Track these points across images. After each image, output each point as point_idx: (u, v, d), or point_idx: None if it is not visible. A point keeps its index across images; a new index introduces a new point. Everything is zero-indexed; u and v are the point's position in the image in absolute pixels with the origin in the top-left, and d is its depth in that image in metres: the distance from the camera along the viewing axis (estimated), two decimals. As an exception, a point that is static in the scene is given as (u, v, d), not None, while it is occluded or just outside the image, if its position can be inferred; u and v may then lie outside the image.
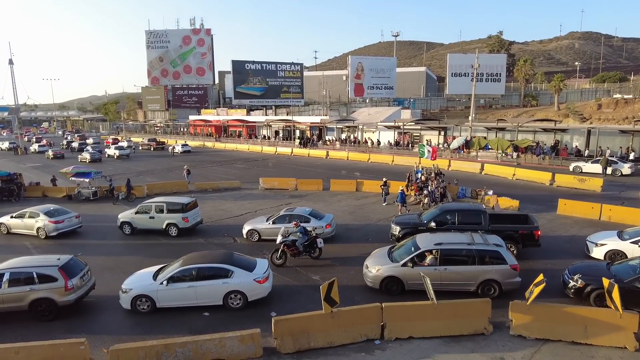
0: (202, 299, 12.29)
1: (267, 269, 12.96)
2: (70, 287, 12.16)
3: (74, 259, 13.23)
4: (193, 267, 12.43)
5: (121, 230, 20.13)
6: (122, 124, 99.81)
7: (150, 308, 12.24)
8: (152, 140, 65.97)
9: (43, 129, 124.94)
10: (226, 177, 35.06)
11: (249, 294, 12.28)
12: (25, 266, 12.58)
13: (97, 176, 28.33)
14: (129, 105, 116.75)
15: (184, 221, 19.29)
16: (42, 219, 19.94)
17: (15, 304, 12.07)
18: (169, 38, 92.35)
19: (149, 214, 19.71)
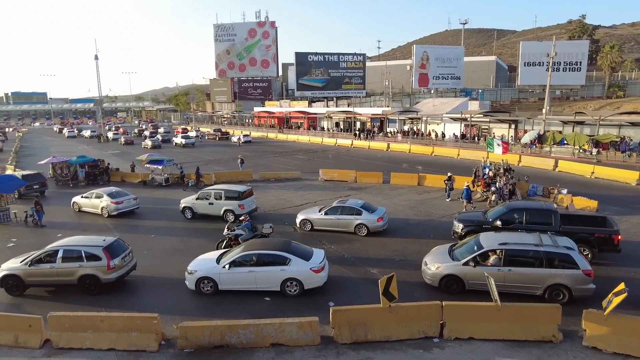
0: (261, 284, 12.74)
1: (323, 259, 13.14)
2: (112, 266, 13.15)
3: (118, 241, 14.17)
4: (254, 253, 12.90)
5: (183, 214, 21.41)
6: (191, 114, 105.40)
7: (212, 290, 12.88)
8: (218, 131, 69.08)
9: (122, 118, 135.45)
10: (287, 168, 35.86)
11: (305, 283, 12.54)
12: (76, 245, 13.71)
13: (169, 164, 30.30)
14: (198, 97, 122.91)
15: (240, 208, 20.21)
16: (105, 199, 22.11)
17: (67, 278, 13.28)
18: (236, 31, 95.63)
19: (208, 200, 20.85)
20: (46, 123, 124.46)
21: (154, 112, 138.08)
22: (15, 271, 13.32)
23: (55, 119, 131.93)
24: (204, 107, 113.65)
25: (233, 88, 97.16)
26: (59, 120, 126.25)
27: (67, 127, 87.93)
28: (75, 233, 18.77)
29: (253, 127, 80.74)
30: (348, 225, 18.14)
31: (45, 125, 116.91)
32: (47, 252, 13.46)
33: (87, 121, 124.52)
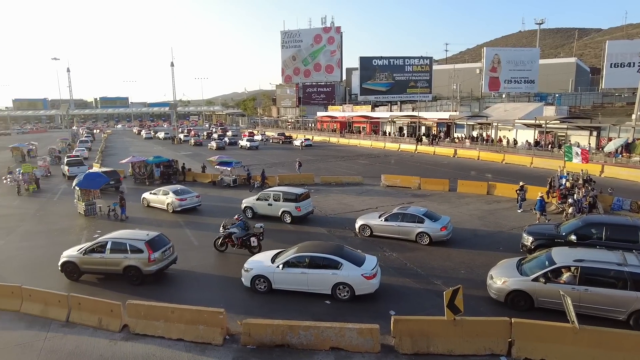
0: (313, 286, 12.86)
1: (376, 265, 13.01)
2: (152, 259, 14.06)
3: (160, 236, 15.03)
4: (307, 255, 13.09)
5: (244, 213, 22.11)
6: (258, 118, 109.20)
7: (266, 288, 13.26)
8: (281, 135, 70.92)
9: (194, 122, 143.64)
10: (349, 172, 35.87)
11: (356, 288, 12.49)
12: (123, 238, 14.73)
13: (237, 166, 31.63)
14: (264, 102, 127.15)
15: (297, 210, 20.73)
16: (171, 196, 23.78)
17: (114, 268, 14.34)
18: (302, 37, 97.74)
19: (267, 201, 21.63)
20: (127, 125, 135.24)
21: (224, 116, 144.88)
22: (72, 258, 14.74)
23: (135, 121, 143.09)
24: (270, 112, 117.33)
25: (298, 93, 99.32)
26: (138, 122, 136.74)
27: (144, 129, 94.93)
28: (150, 227, 20.23)
29: (315, 132, 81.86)
30: (409, 233, 17.72)
31: (126, 127, 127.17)
32: (99, 244, 14.70)
33: (163, 124, 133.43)
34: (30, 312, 12.17)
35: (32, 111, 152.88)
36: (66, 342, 10.75)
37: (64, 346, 10.58)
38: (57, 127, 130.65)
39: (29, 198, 28.92)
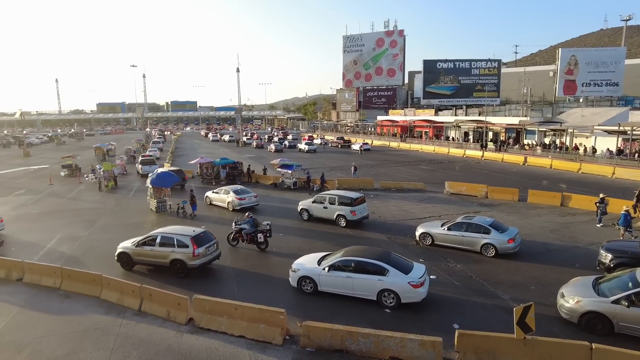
0: (358, 291, 12.78)
1: (424, 274, 12.67)
2: (196, 254, 14.81)
3: (205, 233, 15.80)
4: (353, 259, 13.03)
5: (300, 215, 22.70)
6: (317, 122, 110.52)
7: (312, 290, 13.38)
8: (340, 139, 71.12)
9: (257, 125, 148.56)
10: (410, 178, 35.08)
11: (402, 296, 12.26)
12: (171, 233, 15.56)
13: (298, 169, 32.18)
14: (324, 106, 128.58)
15: (352, 214, 20.72)
16: (231, 195, 25.06)
17: (162, 260, 15.23)
18: (364, 41, 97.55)
19: (323, 204, 21.87)
20: (195, 128, 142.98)
21: (285, 120, 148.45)
22: (126, 249, 15.86)
23: (203, 124, 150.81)
24: (330, 116, 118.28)
25: (358, 97, 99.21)
26: (205, 125, 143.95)
27: (211, 132, 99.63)
28: (215, 225, 21.11)
29: (375, 136, 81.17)
30: (473, 244, 16.91)
31: (194, 130, 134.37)
32: (150, 237, 15.64)
33: (228, 127, 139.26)
34: (108, 299, 13.16)
35: (112, 114, 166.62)
36: (138, 330, 11.46)
37: (136, 333, 11.29)
38: (132, 128, 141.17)
39: (108, 194, 31.41)
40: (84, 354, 10.32)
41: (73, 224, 22.44)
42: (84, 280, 13.88)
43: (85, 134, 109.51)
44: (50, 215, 24.60)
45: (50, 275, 14.48)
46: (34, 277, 14.74)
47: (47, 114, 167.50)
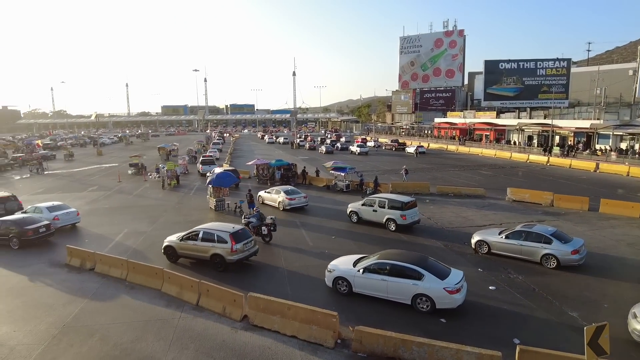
0: (392, 294, 12.74)
1: (461, 280, 12.39)
2: (234, 249, 15.59)
3: (244, 230, 16.65)
4: (388, 263, 12.99)
5: (349, 218, 22.67)
6: (372, 125, 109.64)
7: (347, 291, 13.47)
8: (395, 142, 69.95)
9: (311, 128, 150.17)
10: (469, 183, 33.71)
11: (437, 302, 12.07)
12: (213, 229, 16.41)
13: (351, 171, 32.03)
14: (379, 108, 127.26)
15: (402, 218, 20.42)
16: (282, 195, 25.88)
17: (203, 254, 16.11)
18: (421, 42, 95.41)
19: (372, 207, 21.62)
20: (252, 130, 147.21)
21: (339, 122, 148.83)
22: (172, 243, 16.93)
23: (259, 127, 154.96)
24: (384, 118, 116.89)
25: (414, 99, 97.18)
26: (262, 128, 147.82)
27: (267, 135, 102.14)
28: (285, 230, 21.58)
29: (432, 139, 79.05)
30: (533, 254, 15.96)
31: (251, 132, 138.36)
32: (194, 232, 16.55)
33: (283, 129, 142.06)
34: (168, 292, 13.83)
35: (175, 116, 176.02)
36: (196, 324, 11.92)
37: (194, 327, 11.75)
38: (194, 130, 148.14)
39: (171, 192, 33.13)
40: (145, 343, 10.90)
41: (138, 220, 23.90)
42: (147, 273, 14.70)
43: (151, 134, 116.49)
44: (118, 211, 26.39)
45: (118, 267, 15.50)
46: (104, 268, 15.85)
47: (117, 116, 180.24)
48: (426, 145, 69.06)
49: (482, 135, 71.03)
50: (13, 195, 25.61)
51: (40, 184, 38.23)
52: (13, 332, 11.61)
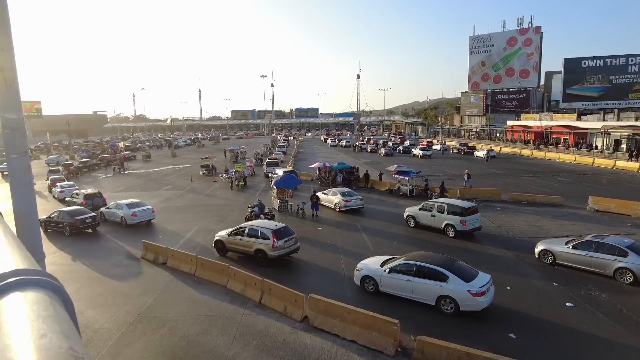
0: (417, 295, 12.94)
1: (486, 284, 12.36)
2: (275, 246, 16.39)
3: (286, 227, 17.29)
4: (414, 264, 13.22)
5: (406, 222, 22.33)
6: (438, 127, 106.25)
7: (374, 290, 13.77)
8: (463, 145, 67.01)
9: (374, 131, 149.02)
10: (544, 191, 31.29)
11: (461, 304, 12.13)
12: (257, 226, 17.28)
13: (416, 176, 31.14)
14: (447, 111, 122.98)
15: (462, 224, 19.67)
16: (338, 197, 26.22)
17: (248, 249, 17.14)
18: (493, 41, 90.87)
19: (430, 212, 21.09)
20: (315, 134, 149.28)
21: (403, 125, 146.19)
22: (222, 238, 18.15)
23: (323, 130, 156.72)
24: (452, 121, 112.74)
25: (485, 101, 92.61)
26: (324, 131, 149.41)
27: (330, 138, 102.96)
28: (329, 228, 21.54)
29: (504, 143, 74.75)
30: (604, 267, 14.59)
31: (314, 136, 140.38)
32: (241, 228, 17.64)
33: (346, 133, 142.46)
34: (233, 289, 14.31)
35: (244, 120, 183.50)
36: (258, 322, 12.19)
37: (256, 324, 12.02)
38: (261, 134, 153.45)
39: (238, 192, 34.45)
40: (211, 337, 11.33)
41: (207, 218, 25.09)
42: (214, 270, 15.34)
43: (222, 138, 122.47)
44: (189, 209, 27.93)
45: (188, 263, 16.34)
46: (175, 263, 16.80)
47: (191, 120, 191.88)
48: (497, 149, 65.50)
49: (560, 139, 65.84)
50: (99, 192, 28.21)
51: (122, 182, 41.66)
52: (97, 316, 12.66)
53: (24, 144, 5.16)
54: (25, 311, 1.09)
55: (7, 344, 0.88)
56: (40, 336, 0.91)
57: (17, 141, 5.06)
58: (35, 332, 0.93)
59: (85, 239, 21.69)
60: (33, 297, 1.22)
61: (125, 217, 23.66)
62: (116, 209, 24.32)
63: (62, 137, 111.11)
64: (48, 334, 0.92)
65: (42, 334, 0.92)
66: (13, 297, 1.23)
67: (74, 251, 19.59)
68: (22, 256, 1.90)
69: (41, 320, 1.01)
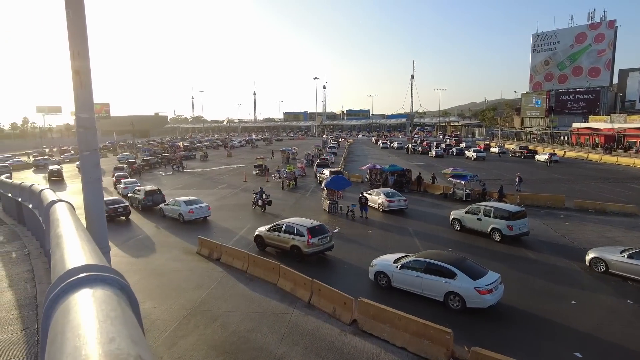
0: (426, 291, 13.45)
1: (494, 282, 12.67)
2: (310, 243, 17.08)
3: (322, 226, 17.97)
4: (424, 261, 13.73)
5: (451, 225, 22.22)
6: (497, 130, 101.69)
7: (386, 285, 14.39)
8: (524, 148, 63.59)
9: (428, 132, 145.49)
10: (615, 199, 28.86)
11: (467, 300, 12.51)
12: (294, 223, 18.19)
13: (473, 180, 29.91)
14: (506, 112, 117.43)
15: (508, 229, 19.33)
16: (382, 197, 26.72)
17: (284, 245, 17.99)
18: (559, 39, 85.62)
19: (477, 216, 20.91)
20: (366, 135, 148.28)
21: (459, 127, 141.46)
22: (261, 233, 19.08)
23: (374, 132, 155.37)
24: (512, 123, 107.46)
25: (548, 102, 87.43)
26: (376, 133, 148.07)
27: (381, 139, 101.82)
28: (388, 235, 21.25)
29: (568, 146, 70.07)
30: None
31: (365, 137, 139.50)
32: (279, 225, 18.55)
33: (398, 134, 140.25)
34: (283, 287, 14.47)
35: (295, 122, 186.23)
36: (307, 322, 12.21)
37: (304, 324, 12.05)
38: (312, 135, 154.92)
39: (289, 192, 34.93)
40: (260, 334, 11.51)
41: (259, 217, 25.64)
42: (265, 267, 15.61)
43: (274, 139, 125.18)
44: (242, 208, 28.70)
45: (240, 259, 16.76)
46: (228, 259, 17.30)
47: (245, 121, 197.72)
48: (561, 153, 61.57)
49: (635, 142, 60.62)
50: (158, 189, 29.74)
51: (180, 180, 43.71)
52: (154, 307, 13.31)
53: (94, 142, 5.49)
54: (94, 310, 1.09)
55: (77, 346, 0.87)
56: (109, 340, 0.90)
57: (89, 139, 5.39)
58: (104, 336, 0.92)
59: (147, 234, 22.92)
60: (102, 295, 1.23)
61: (183, 214, 24.76)
62: (175, 206, 25.51)
63: (126, 137, 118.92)
64: (117, 338, 0.91)
65: (110, 338, 0.91)
66: (84, 294, 1.24)
67: (135, 244, 20.79)
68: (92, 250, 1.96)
69: (109, 321, 1.00)
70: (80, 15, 5.15)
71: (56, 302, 1.26)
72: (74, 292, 1.27)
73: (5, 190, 18.22)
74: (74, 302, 1.19)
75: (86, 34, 5.22)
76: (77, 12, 5.11)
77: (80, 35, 5.14)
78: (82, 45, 5.14)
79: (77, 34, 5.10)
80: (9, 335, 6.30)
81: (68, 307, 1.16)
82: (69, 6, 5.05)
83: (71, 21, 5.06)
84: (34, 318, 6.75)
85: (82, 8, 5.16)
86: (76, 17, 5.08)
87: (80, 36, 5.13)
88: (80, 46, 5.12)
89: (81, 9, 5.15)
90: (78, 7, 5.10)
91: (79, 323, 1.01)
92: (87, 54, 5.20)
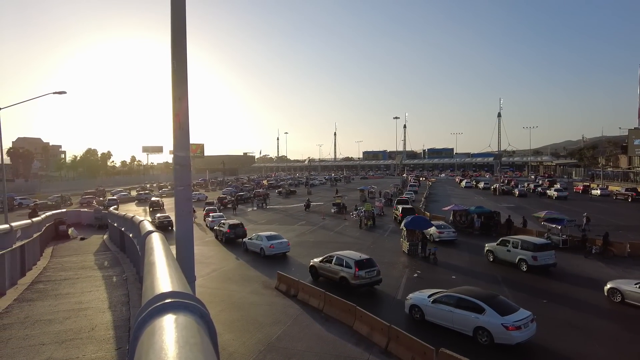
0: (457, 325, 13.67)
1: (524, 319, 12.68)
2: (357, 275, 18.04)
3: (370, 260, 18.75)
4: (455, 296, 14.01)
5: (486, 257, 23.88)
6: (598, 170, 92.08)
7: (420, 318, 14.85)
8: (632, 190, 56.40)
9: (517, 173, 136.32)
10: None
11: (495, 336, 12.60)
12: (344, 256, 19.10)
13: (570, 224, 27.06)
14: (608, 150, 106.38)
15: (533, 260, 20.91)
16: (433, 229, 28.21)
17: (334, 276, 19.01)
18: (673, 70, 76.64)
19: (506, 247, 22.58)
20: (449, 174, 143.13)
21: (552, 166, 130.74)
22: (315, 264, 20.35)
23: (458, 171, 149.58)
24: (616, 162, 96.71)
25: (662, 139, 77.61)
26: (460, 172, 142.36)
27: (465, 179, 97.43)
28: (467, 280, 19.93)
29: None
30: None
31: (448, 176, 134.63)
32: (330, 256, 19.72)
33: (485, 174, 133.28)
34: (359, 330, 14.00)
35: (375, 161, 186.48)
36: (383, 370, 11.59)
37: (381, 372, 11.44)
38: (390, 174, 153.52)
39: (366, 232, 34.50)
40: (335, 378, 11.12)
41: (337, 255, 25.52)
42: (341, 308, 15.31)
43: (351, 178, 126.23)
44: (320, 245, 28.85)
45: (316, 298, 16.66)
46: (305, 296, 17.29)
47: (326, 160, 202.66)
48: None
49: None
50: (241, 223, 31.37)
51: (264, 216, 45.52)
52: (232, 340, 13.62)
53: (188, 178, 5.97)
54: (175, 336, 1.12)
55: (156, 370, 0.89)
56: (186, 367, 0.90)
57: (184, 176, 5.88)
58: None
59: (230, 266, 23.93)
60: (183, 321, 1.27)
61: (264, 248, 25.59)
62: (257, 240, 26.52)
63: (217, 175, 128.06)
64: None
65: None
66: (168, 319, 1.30)
67: (218, 276, 21.76)
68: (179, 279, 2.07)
69: (188, 348, 1.01)
70: (183, 65, 5.79)
71: (143, 325, 1.33)
72: (159, 317, 1.34)
73: (112, 221, 20.49)
74: (158, 326, 1.25)
75: (187, 81, 5.84)
76: (180, 63, 5.75)
77: (182, 82, 5.76)
78: (182, 90, 5.74)
79: (179, 82, 5.72)
80: (105, 353, 6.86)
81: (153, 330, 1.22)
82: (174, 57, 5.71)
83: (175, 70, 5.71)
84: (126, 339, 7.27)
85: (184, 59, 5.81)
86: (179, 67, 5.72)
87: (181, 83, 5.75)
88: (181, 92, 5.72)
89: (184, 60, 5.79)
90: (181, 59, 5.75)
91: (161, 347, 1.04)
92: (187, 98, 5.79)
